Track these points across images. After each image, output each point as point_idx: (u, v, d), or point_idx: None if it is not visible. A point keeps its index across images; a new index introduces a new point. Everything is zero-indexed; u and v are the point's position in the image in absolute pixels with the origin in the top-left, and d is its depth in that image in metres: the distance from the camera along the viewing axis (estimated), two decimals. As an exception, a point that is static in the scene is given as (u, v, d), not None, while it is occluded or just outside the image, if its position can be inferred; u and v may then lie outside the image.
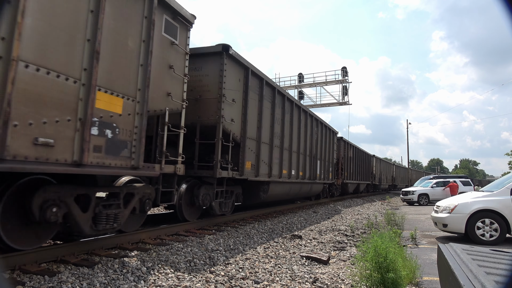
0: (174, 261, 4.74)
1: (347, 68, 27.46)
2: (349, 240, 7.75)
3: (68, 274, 3.83)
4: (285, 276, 4.58)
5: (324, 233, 8.43)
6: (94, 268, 4.13)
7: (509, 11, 1.54)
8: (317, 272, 4.90)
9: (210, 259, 5.11)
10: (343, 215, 13.21)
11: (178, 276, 4.22)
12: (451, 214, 8.00)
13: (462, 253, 2.41)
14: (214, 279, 4.19)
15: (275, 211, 11.83)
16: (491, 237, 7.56)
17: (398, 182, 45.34)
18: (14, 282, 3.44)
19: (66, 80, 3.92)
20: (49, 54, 3.71)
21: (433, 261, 5.43)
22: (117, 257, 4.62)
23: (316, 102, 28.57)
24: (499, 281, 1.81)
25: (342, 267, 5.26)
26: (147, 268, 4.35)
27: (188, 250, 5.34)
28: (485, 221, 7.64)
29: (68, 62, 3.94)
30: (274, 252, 5.96)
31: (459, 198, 8.68)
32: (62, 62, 3.87)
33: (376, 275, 3.76)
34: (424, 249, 6.93)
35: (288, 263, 5.31)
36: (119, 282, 3.79)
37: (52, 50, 3.75)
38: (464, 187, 20.88)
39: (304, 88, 29.08)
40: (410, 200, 22.16)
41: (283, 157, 11.02)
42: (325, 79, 28.11)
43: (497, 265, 2.14)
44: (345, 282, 4.45)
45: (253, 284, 4.15)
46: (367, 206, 18.50)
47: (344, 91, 27.50)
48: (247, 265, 4.94)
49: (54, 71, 3.75)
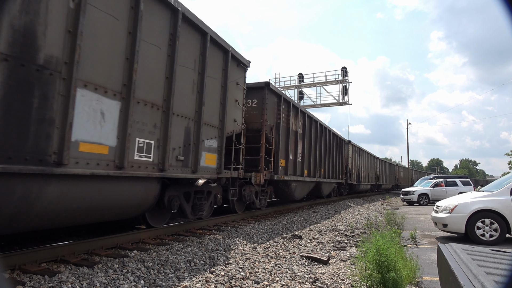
0: (174, 261, 4.74)
1: (347, 68, 27.49)
2: (349, 240, 7.74)
3: (68, 274, 3.83)
4: (285, 276, 4.58)
5: (324, 233, 8.43)
6: (94, 268, 4.13)
7: (509, 11, 1.54)
8: (317, 272, 4.90)
9: (210, 259, 5.11)
10: (343, 215, 13.20)
11: (178, 276, 4.22)
12: (451, 214, 8.00)
13: (462, 253, 2.41)
14: (214, 279, 4.19)
15: (275, 211, 11.84)
16: (491, 237, 7.56)
17: (400, 182, 45.74)
18: (14, 282, 3.44)
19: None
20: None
21: (433, 261, 5.43)
22: (117, 257, 4.62)
23: (316, 102, 28.60)
24: (499, 281, 1.81)
25: (342, 267, 5.26)
26: (147, 268, 4.35)
27: (188, 250, 5.34)
28: (485, 221, 7.64)
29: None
30: (274, 252, 5.96)
31: (459, 198, 8.67)
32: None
33: (377, 275, 3.76)
34: (424, 249, 6.93)
35: (288, 263, 5.31)
36: (119, 282, 3.78)
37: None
38: (464, 187, 20.88)
39: (304, 88, 29.09)
40: (410, 200, 22.17)
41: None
42: (325, 79, 28.12)
43: (497, 265, 2.14)
44: (345, 282, 4.45)
45: (253, 284, 4.14)
46: (367, 206, 18.50)
47: (344, 91, 27.51)
48: (247, 265, 4.94)
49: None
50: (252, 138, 9.61)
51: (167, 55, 5.60)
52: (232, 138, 8.01)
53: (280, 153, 10.57)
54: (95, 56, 4.22)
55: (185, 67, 6.01)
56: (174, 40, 5.67)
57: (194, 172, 6.35)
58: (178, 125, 5.88)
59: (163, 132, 5.45)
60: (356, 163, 23.66)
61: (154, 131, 5.26)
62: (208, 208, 7.60)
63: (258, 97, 9.84)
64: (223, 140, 7.36)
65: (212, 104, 7.02)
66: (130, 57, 4.76)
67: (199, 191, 7.09)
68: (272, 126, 10.18)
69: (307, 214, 12.14)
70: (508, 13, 1.53)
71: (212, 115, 6.99)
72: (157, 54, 5.36)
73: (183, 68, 5.96)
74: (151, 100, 5.21)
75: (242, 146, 8.58)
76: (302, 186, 13.38)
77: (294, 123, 12.09)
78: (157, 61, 5.37)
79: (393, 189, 43.92)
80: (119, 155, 4.61)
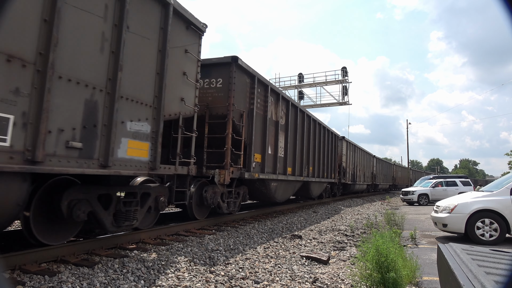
0: (174, 261, 4.74)
1: (347, 68, 27.50)
2: (349, 240, 7.74)
3: (68, 274, 3.83)
4: (285, 276, 4.58)
5: (324, 233, 8.43)
6: (94, 268, 4.13)
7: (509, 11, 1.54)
8: (317, 272, 4.90)
9: (210, 259, 5.11)
10: (343, 215, 13.20)
11: (178, 276, 4.23)
12: (451, 214, 8.00)
13: (462, 253, 2.41)
14: (214, 279, 4.19)
15: (275, 211, 11.83)
16: (490, 237, 7.56)
17: (398, 182, 45.48)
18: (14, 282, 3.44)
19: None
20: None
21: (433, 261, 5.43)
22: (117, 257, 4.62)
23: (316, 102, 28.61)
24: (499, 281, 1.81)
25: (342, 267, 5.26)
26: (147, 268, 4.35)
27: (188, 250, 5.34)
28: (485, 221, 7.64)
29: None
30: (274, 252, 5.97)
31: (459, 198, 8.68)
32: None
33: (377, 275, 3.76)
34: (424, 249, 6.93)
35: (288, 263, 5.31)
36: (119, 282, 3.79)
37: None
38: (464, 187, 20.89)
39: (304, 88, 29.12)
40: (410, 200, 22.17)
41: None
42: (325, 79, 28.13)
43: (497, 265, 2.14)
44: (345, 282, 4.45)
45: (253, 284, 4.15)
46: (367, 206, 18.50)
47: (344, 91, 27.53)
48: (247, 265, 4.94)
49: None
50: (217, 126, 7.98)
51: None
52: (178, 123, 6.16)
53: (254, 146, 8.87)
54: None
55: (85, 11, 4.21)
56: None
57: (105, 167, 4.48)
58: (71, 95, 4.03)
59: (36, 103, 3.60)
60: (351, 161, 22.58)
61: (15, 99, 3.42)
62: (148, 215, 6.15)
63: (223, 75, 8.12)
64: (159, 124, 5.45)
65: (141, 73, 5.19)
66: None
67: (130, 193, 5.53)
68: (242, 113, 8.41)
69: (307, 214, 12.15)
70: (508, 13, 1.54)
71: (140, 88, 5.17)
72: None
73: (82, 12, 4.16)
74: (6, 49, 3.34)
75: (194, 134, 6.67)
76: (285, 186, 11.63)
77: (274, 111, 10.30)
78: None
79: (390, 189, 43.18)
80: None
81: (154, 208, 6.06)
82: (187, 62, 6.36)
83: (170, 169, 6.07)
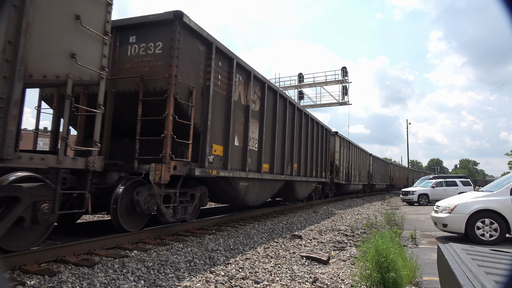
0: (174, 261, 4.74)
1: (347, 68, 27.52)
2: (349, 240, 7.75)
3: (68, 274, 3.83)
4: (285, 276, 4.58)
5: (324, 233, 8.43)
6: (94, 268, 4.13)
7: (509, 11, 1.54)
8: (317, 272, 4.90)
9: (210, 259, 5.11)
10: (343, 215, 13.21)
11: (178, 276, 4.23)
12: (451, 214, 8.00)
13: (462, 253, 2.41)
14: (214, 279, 4.19)
15: (275, 211, 11.84)
16: (491, 237, 7.56)
17: (395, 182, 44.84)
18: (15, 282, 3.44)
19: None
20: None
21: (433, 261, 5.43)
22: (117, 257, 4.62)
23: (316, 102, 28.63)
24: (499, 281, 1.81)
25: (342, 267, 5.26)
26: (147, 268, 4.35)
27: (188, 250, 5.34)
28: (485, 221, 7.64)
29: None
30: (274, 252, 5.97)
31: (459, 198, 8.68)
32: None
33: (376, 275, 3.76)
34: (424, 249, 6.93)
35: (288, 263, 5.31)
36: (119, 282, 3.79)
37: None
38: (464, 187, 20.90)
39: (304, 88, 29.14)
40: (410, 200, 22.17)
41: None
42: (325, 79, 28.15)
43: (497, 265, 2.14)
44: (345, 282, 4.45)
45: (253, 284, 4.15)
46: (367, 206, 18.51)
47: (344, 91, 27.55)
48: (247, 265, 4.94)
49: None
50: (155, 105, 5.92)
51: None
52: (66, 91, 4.12)
53: (212, 135, 6.88)
54: None
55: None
56: None
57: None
58: None
59: None
60: (345, 159, 20.81)
61: None
62: (24, 229, 4.13)
63: (164, 38, 6.04)
64: (14, 87, 3.38)
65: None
66: None
67: None
68: (192, 89, 6.28)
69: (307, 214, 12.15)
70: (508, 13, 1.54)
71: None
72: None
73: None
74: None
75: (98, 111, 4.60)
76: (260, 186, 9.48)
77: (243, 93, 8.21)
78: None
79: (387, 189, 41.82)
80: None
81: (33, 217, 4.01)
82: (84, 1, 4.33)
83: (44, 160, 3.91)
